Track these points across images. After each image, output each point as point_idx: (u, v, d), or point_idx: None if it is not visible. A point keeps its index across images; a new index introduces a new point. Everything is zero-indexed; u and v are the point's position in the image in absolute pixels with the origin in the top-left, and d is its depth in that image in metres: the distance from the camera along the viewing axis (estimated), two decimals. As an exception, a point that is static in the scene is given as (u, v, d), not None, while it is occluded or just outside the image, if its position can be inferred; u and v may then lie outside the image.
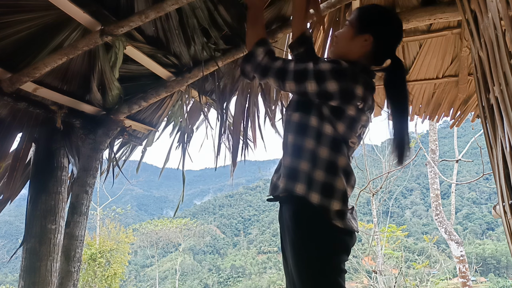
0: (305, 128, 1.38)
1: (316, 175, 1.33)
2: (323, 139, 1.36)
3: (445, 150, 43.24)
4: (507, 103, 1.46)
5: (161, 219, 34.26)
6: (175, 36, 2.39)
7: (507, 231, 1.61)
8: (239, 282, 40.60)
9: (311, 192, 1.31)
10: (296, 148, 1.38)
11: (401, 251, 14.38)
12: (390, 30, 1.49)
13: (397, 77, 1.47)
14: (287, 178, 1.36)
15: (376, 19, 1.49)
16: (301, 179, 1.33)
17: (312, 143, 1.35)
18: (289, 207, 1.37)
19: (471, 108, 3.53)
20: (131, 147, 3.31)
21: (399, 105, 1.45)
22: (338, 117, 1.37)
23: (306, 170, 1.34)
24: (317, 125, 1.37)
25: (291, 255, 1.34)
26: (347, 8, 2.57)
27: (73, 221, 2.55)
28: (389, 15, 1.52)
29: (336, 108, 1.37)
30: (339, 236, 1.33)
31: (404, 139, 1.43)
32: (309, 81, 1.35)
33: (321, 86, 1.33)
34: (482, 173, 8.02)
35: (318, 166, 1.34)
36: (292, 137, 1.40)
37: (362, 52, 1.45)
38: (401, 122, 1.43)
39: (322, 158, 1.35)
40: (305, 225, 1.32)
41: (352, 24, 1.49)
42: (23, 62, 2.25)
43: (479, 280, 31.22)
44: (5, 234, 49.97)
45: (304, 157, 1.35)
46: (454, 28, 2.87)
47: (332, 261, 1.31)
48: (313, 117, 1.38)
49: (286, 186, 1.35)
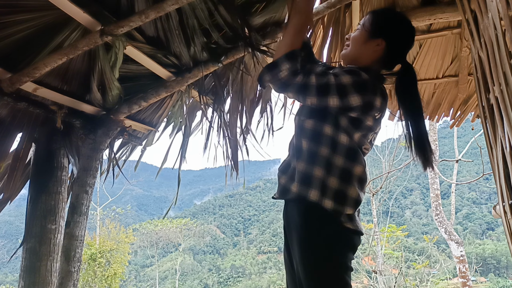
0: (319, 136, 1.37)
1: (330, 182, 1.33)
2: (338, 148, 1.36)
3: (445, 150, 43.22)
4: (507, 103, 1.46)
5: (161, 219, 34.23)
6: (175, 36, 2.39)
7: (507, 231, 1.61)
8: (239, 282, 40.59)
9: (325, 199, 1.32)
10: (311, 154, 1.37)
11: (401, 251, 14.38)
12: (403, 36, 1.48)
13: (409, 82, 1.46)
14: (301, 184, 1.35)
15: (390, 24, 1.48)
16: (315, 185, 1.33)
17: (327, 151, 1.35)
18: (300, 206, 1.37)
19: (471, 108, 3.53)
20: (131, 147, 3.31)
21: (414, 110, 1.44)
22: (356, 127, 1.38)
23: (321, 177, 1.33)
24: (332, 134, 1.36)
25: (299, 252, 1.34)
26: (347, 8, 2.57)
27: (73, 221, 2.55)
28: (403, 21, 1.51)
29: (355, 119, 1.37)
30: (349, 236, 1.35)
31: (425, 143, 1.41)
32: (332, 96, 1.32)
33: (344, 101, 1.32)
34: (482, 173, 8.02)
35: (332, 173, 1.34)
36: (306, 143, 1.39)
37: (374, 56, 1.45)
38: (419, 127, 1.42)
39: (336, 165, 1.35)
40: (317, 224, 1.33)
41: (366, 27, 1.47)
42: (23, 62, 2.25)
43: (479, 280, 31.21)
44: (5, 234, 49.96)
45: (318, 163, 1.35)
46: (454, 28, 2.87)
47: (340, 259, 1.32)
48: (327, 125, 1.37)
49: (300, 191, 1.35)
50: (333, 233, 1.33)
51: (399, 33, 1.47)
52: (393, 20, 1.50)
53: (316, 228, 1.33)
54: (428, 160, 1.40)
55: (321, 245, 1.31)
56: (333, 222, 1.33)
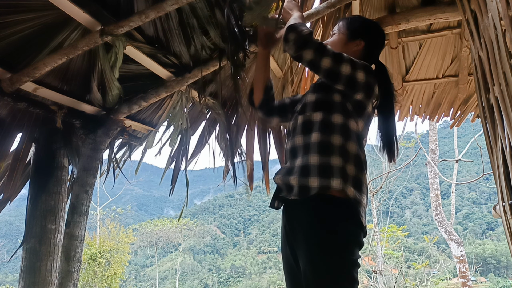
0: (330, 125, 1.43)
1: (348, 169, 1.38)
2: (350, 135, 1.42)
3: (445, 150, 43.24)
4: (507, 103, 1.46)
5: (161, 219, 34.24)
6: (175, 36, 2.39)
7: (507, 231, 1.61)
8: (239, 282, 40.59)
9: (348, 186, 1.35)
10: (325, 145, 1.40)
11: (401, 251, 14.38)
12: (376, 36, 1.66)
13: (383, 80, 1.57)
14: (321, 176, 1.36)
15: (365, 26, 1.65)
16: (336, 174, 1.35)
17: (340, 139, 1.40)
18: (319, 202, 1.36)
19: (471, 108, 3.53)
20: (131, 147, 3.30)
21: (386, 106, 1.57)
22: (359, 114, 1.46)
23: (340, 165, 1.37)
24: (342, 121, 1.43)
25: (308, 251, 1.33)
26: (347, 8, 2.57)
27: (73, 221, 2.55)
28: (375, 24, 1.71)
29: (359, 103, 1.45)
30: (359, 234, 1.37)
31: (393, 138, 1.55)
32: (345, 63, 1.42)
33: (354, 72, 1.42)
34: (482, 173, 8.03)
35: (349, 160, 1.39)
36: (317, 135, 1.42)
37: (354, 57, 1.53)
38: (389, 122, 1.57)
39: (351, 153, 1.40)
40: (336, 218, 1.34)
41: (343, 31, 1.64)
42: (23, 62, 2.25)
43: (479, 280, 31.22)
44: (5, 234, 49.95)
45: (335, 153, 1.38)
46: (454, 28, 2.87)
47: (353, 256, 1.33)
48: (336, 114, 1.44)
49: (321, 183, 1.35)
50: (352, 228, 1.34)
51: (374, 34, 1.65)
52: (367, 23, 1.69)
53: (334, 223, 1.33)
54: (393, 153, 1.55)
55: (337, 242, 1.32)
56: (355, 215, 1.35)
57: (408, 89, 3.49)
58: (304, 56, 1.43)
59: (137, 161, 3.39)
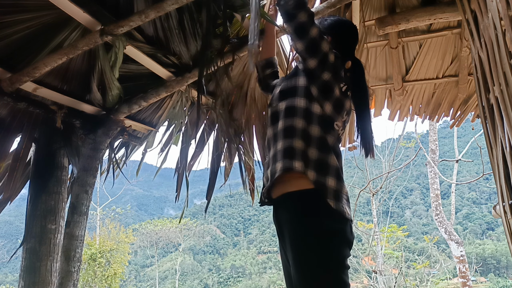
0: (293, 110, 1.44)
1: (310, 153, 1.38)
2: (313, 118, 1.43)
3: (445, 150, 43.20)
4: (507, 103, 1.46)
5: (161, 219, 34.24)
6: (175, 35, 2.39)
7: (507, 231, 1.61)
8: (239, 282, 40.57)
9: (308, 169, 1.35)
10: (288, 129, 1.42)
11: (401, 251, 14.38)
12: (346, 31, 1.68)
13: (357, 75, 1.60)
14: (284, 158, 1.38)
15: (333, 23, 1.68)
16: (297, 156, 1.37)
17: (302, 122, 1.42)
18: (286, 204, 1.39)
19: (471, 108, 3.53)
20: (131, 147, 3.30)
21: (361, 102, 1.60)
22: (326, 96, 1.46)
23: (302, 148, 1.38)
24: (305, 105, 1.44)
25: (290, 251, 1.33)
26: (347, 8, 2.57)
27: (73, 221, 2.55)
28: (343, 21, 1.74)
29: (326, 85, 1.45)
30: (333, 218, 1.33)
31: (369, 134, 1.58)
32: (327, 40, 1.47)
33: (331, 50, 1.47)
34: (482, 173, 8.02)
35: (311, 144, 1.40)
36: (282, 122, 1.45)
37: None
38: (365, 118, 1.60)
39: (314, 136, 1.41)
40: (304, 206, 1.35)
41: None
42: (23, 62, 2.25)
43: (479, 280, 31.22)
44: (5, 234, 49.91)
45: (297, 135, 1.40)
46: (454, 28, 2.87)
47: (335, 253, 1.30)
48: (300, 98, 1.45)
49: (285, 164, 1.37)
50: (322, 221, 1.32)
51: (343, 29, 1.67)
52: (336, 20, 1.72)
53: (304, 212, 1.33)
54: (370, 149, 1.58)
55: (313, 242, 1.30)
56: (321, 205, 1.33)
57: (408, 89, 3.49)
58: (299, 16, 1.42)
59: (137, 161, 3.39)
